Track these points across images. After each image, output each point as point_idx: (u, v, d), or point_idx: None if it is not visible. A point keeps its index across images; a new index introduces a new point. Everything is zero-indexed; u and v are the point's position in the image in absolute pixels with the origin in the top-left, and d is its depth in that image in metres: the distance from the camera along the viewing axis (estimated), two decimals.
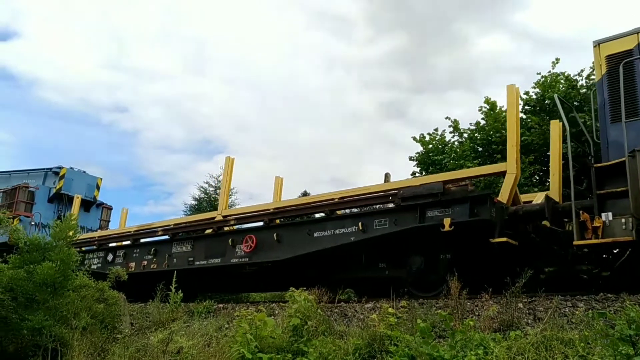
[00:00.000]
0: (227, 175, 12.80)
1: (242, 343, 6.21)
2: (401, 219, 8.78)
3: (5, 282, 8.81)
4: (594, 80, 15.08)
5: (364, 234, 9.12)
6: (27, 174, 22.18)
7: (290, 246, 10.12)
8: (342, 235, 9.41)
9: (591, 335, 5.36)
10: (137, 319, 10.24)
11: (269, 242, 10.47)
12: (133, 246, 13.62)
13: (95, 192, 21.66)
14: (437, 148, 17.58)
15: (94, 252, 14.62)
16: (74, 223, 9.76)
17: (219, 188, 27.86)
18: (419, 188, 8.67)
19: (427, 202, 8.45)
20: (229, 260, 11.03)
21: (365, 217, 9.33)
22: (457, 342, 5.31)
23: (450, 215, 8.13)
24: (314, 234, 9.83)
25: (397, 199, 8.88)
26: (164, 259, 12.45)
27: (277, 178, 12.80)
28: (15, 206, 19.79)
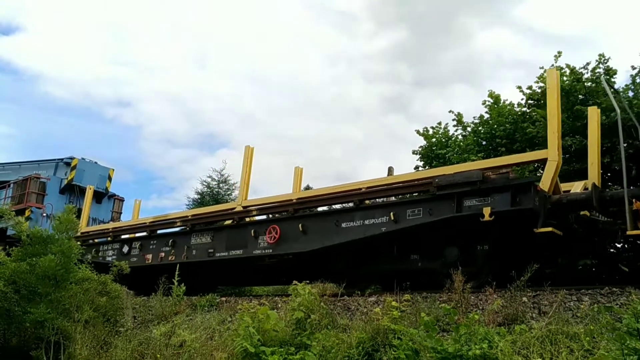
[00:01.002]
0: (246, 165, 12.43)
1: (245, 336, 6.19)
2: (436, 208, 8.42)
3: (7, 275, 8.82)
4: (599, 74, 15.04)
5: (396, 224, 8.75)
6: (38, 164, 21.92)
7: (317, 237, 9.80)
8: (372, 226, 9.07)
9: (597, 329, 5.31)
10: (140, 312, 10.24)
11: (293, 233, 10.16)
12: (149, 238, 13.34)
13: (107, 183, 21.38)
14: (441, 142, 17.49)
15: (109, 244, 14.37)
16: (73, 217, 9.71)
17: (222, 182, 27.87)
18: (455, 176, 8.31)
19: (465, 190, 8.08)
20: (251, 251, 10.73)
21: (397, 207, 8.96)
22: (461, 336, 5.27)
23: (489, 204, 7.78)
24: (341, 224, 9.49)
25: (432, 188, 8.53)
26: (182, 250, 12.14)
27: (297, 168, 12.57)
28: (26, 197, 19.61)
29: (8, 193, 20.93)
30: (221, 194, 27.12)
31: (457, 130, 18.05)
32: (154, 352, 7.62)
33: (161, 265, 12.38)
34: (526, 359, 5.19)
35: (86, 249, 14.33)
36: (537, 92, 16.12)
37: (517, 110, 16.37)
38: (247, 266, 11.49)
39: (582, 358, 5.05)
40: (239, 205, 11.87)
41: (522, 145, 14.94)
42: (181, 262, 11.79)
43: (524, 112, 16.11)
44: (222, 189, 27.67)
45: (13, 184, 20.99)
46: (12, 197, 20.52)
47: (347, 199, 9.97)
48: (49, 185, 20.25)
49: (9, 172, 22.86)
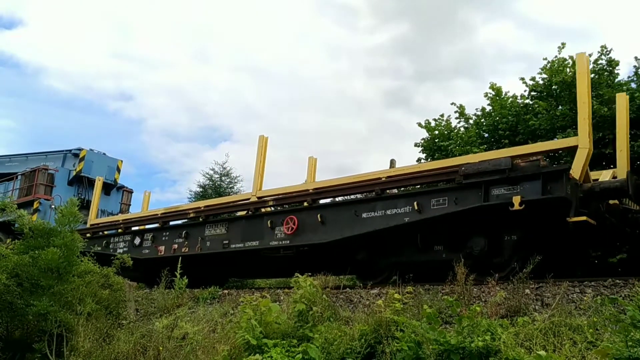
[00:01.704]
0: (260, 155, 12.21)
1: (247, 329, 6.18)
2: (462, 197, 8.15)
3: (10, 268, 8.82)
4: (602, 66, 14.98)
5: (420, 214, 8.49)
6: (45, 156, 21.66)
7: (336, 228, 9.56)
8: (395, 216, 8.82)
9: (600, 321, 5.30)
10: (142, 305, 10.25)
11: (312, 224, 9.92)
12: (162, 229, 13.09)
13: (115, 174, 21.09)
14: (443, 134, 17.46)
15: (120, 236, 14.18)
16: (76, 209, 9.70)
17: (224, 175, 27.86)
18: (483, 164, 8.03)
19: (493, 179, 7.82)
20: (267, 242, 10.50)
21: (421, 196, 8.66)
22: (464, 328, 5.26)
23: (519, 192, 7.51)
24: (362, 214, 9.24)
25: (458, 176, 8.27)
26: (196, 242, 11.92)
27: (311, 158, 12.42)
28: (34, 189, 19.37)
29: (16, 185, 20.64)
30: (223, 187, 27.13)
31: (460, 122, 18.03)
32: (156, 345, 7.63)
33: (174, 257, 12.02)
34: (529, 351, 5.18)
35: (96, 241, 14.34)
36: (540, 84, 16.07)
37: (519, 102, 16.33)
38: (261, 258, 11.25)
39: (585, 350, 5.04)
40: (254, 195, 11.69)
41: (524, 137, 14.92)
42: (195, 253, 11.71)
43: (527, 104, 16.07)
44: (224, 182, 27.69)
45: (21, 176, 20.71)
46: (20, 188, 20.26)
47: (366, 188, 9.77)
48: (57, 176, 20.00)
49: (16, 164, 22.64)
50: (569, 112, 14.38)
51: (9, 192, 20.74)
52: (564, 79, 14.76)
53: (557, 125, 14.29)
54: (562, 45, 15.88)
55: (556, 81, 15.02)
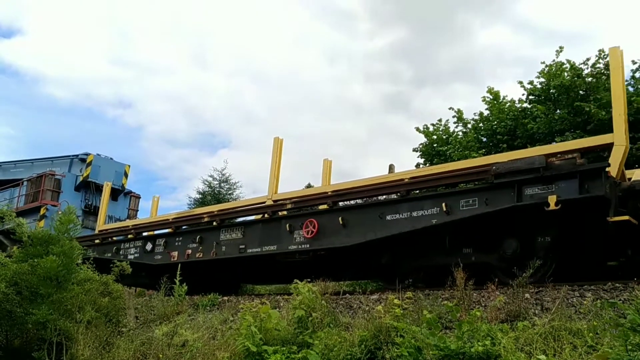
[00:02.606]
0: (276, 157, 11.93)
1: (247, 336, 6.19)
2: (493, 198, 7.86)
3: (9, 276, 8.82)
4: (599, 69, 15.01)
5: (448, 215, 8.20)
6: (51, 161, 21.32)
7: (359, 231, 9.25)
8: (422, 218, 8.52)
9: (600, 325, 5.29)
10: (142, 312, 10.23)
11: (333, 227, 9.59)
12: (175, 234, 12.71)
13: (123, 179, 20.76)
14: (442, 139, 17.48)
15: (131, 242, 13.84)
16: (74, 217, 9.70)
17: (223, 181, 27.90)
18: (516, 162, 7.73)
19: (527, 178, 7.52)
20: (286, 247, 10.19)
21: (450, 197, 8.37)
22: (464, 333, 5.26)
23: (554, 192, 7.23)
24: (386, 216, 8.93)
25: (489, 176, 7.99)
26: (211, 247, 11.58)
27: (326, 161, 12.14)
28: (41, 195, 19.06)
29: (22, 191, 20.37)
30: (222, 193, 27.16)
31: (458, 127, 18.05)
32: (156, 352, 7.62)
33: (188, 262, 11.93)
34: (529, 355, 5.18)
35: (106, 247, 14.23)
36: (538, 88, 16.11)
37: (517, 106, 16.37)
38: (276, 263, 10.90)
39: (585, 354, 5.03)
40: (269, 199, 11.43)
41: (522, 141, 14.94)
42: (210, 258, 11.51)
43: (525, 108, 16.11)
44: (224, 188, 27.73)
45: (27, 182, 20.39)
46: (27, 195, 19.94)
47: (388, 190, 9.52)
48: (64, 182, 19.69)
49: (21, 169, 22.35)
50: (567, 116, 14.42)
51: (14, 199, 20.51)
52: (562, 82, 14.80)
53: (555, 129, 14.32)
54: (560, 49, 15.93)
55: (554, 85, 15.05)
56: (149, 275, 11.14)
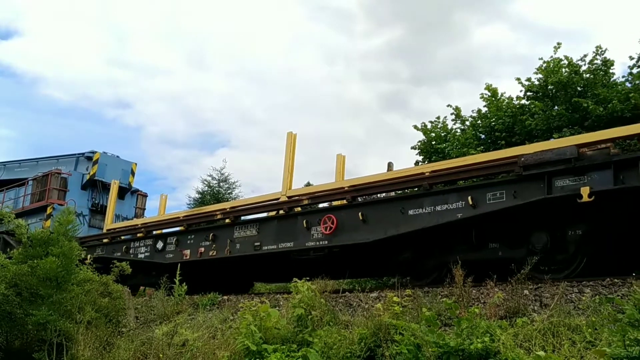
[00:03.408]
0: (289, 152, 11.67)
1: (247, 335, 6.19)
2: (522, 190, 7.60)
3: (9, 278, 8.83)
4: (597, 66, 15.02)
5: (474, 209, 7.95)
6: (57, 160, 20.91)
7: (379, 226, 8.99)
8: (446, 212, 8.29)
9: (598, 321, 5.31)
10: (142, 312, 10.25)
11: (352, 223, 9.36)
12: (187, 232, 12.47)
13: (130, 178, 20.34)
14: (440, 136, 17.47)
15: (140, 240, 13.59)
16: (73, 217, 9.70)
17: (222, 181, 27.93)
18: (546, 154, 7.45)
19: (557, 169, 7.28)
20: (303, 243, 9.94)
21: (476, 190, 8.12)
22: (463, 330, 5.27)
23: (587, 183, 6.99)
24: (408, 211, 8.68)
25: (517, 168, 7.73)
26: (224, 244, 11.31)
27: (339, 156, 11.97)
28: (47, 194, 18.61)
29: (27, 190, 19.83)
30: (222, 192, 27.18)
31: (456, 124, 18.05)
32: (156, 352, 7.63)
33: (201, 260, 11.80)
34: (528, 351, 5.19)
35: (115, 247, 14.07)
36: (535, 84, 16.11)
37: (515, 103, 16.37)
38: (291, 260, 10.62)
39: (584, 350, 5.05)
40: (283, 195, 11.16)
41: (521, 137, 14.95)
42: (224, 256, 11.30)
43: (523, 104, 16.11)
44: (223, 187, 27.75)
45: (32, 181, 19.87)
46: (32, 194, 19.46)
47: (407, 185, 9.30)
48: (71, 180, 19.20)
49: (25, 169, 21.95)
50: (565, 112, 14.43)
51: (20, 198, 20.15)
52: (559, 79, 14.81)
53: (553, 126, 14.33)
54: (558, 44, 15.93)
55: (552, 81, 15.05)
56: (160, 274, 10.98)
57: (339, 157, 11.88)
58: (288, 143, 11.80)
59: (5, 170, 23.10)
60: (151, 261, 12.65)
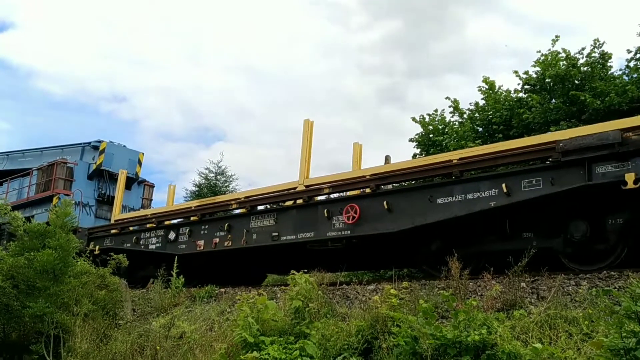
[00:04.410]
0: (306, 140, 11.32)
1: (244, 327, 6.20)
2: (560, 177, 7.26)
3: (6, 270, 8.81)
4: (595, 59, 15.02)
5: (508, 197, 7.60)
6: (62, 150, 20.56)
7: (406, 216, 8.65)
8: (478, 201, 7.92)
9: (595, 313, 5.33)
10: (139, 304, 10.24)
11: (376, 212, 9.00)
12: (200, 222, 12.05)
13: (137, 168, 19.94)
14: (438, 129, 17.47)
15: (151, 231, 13.18)
16: (70, 210, 9.68)
17: (219, 174, 27.90)
18: (586, 138, 7.10)
19: (599, 155, 6.95)
20: (324, 233, 9.59)
21: (510, 177, 7.75)
22: (460, 322, 5.28)
23: (631, 169, 6.69)
24: (437, 200, 8.34)
25: (554, 154, 7.36)
26: (241, 235, 10.92)
27: (356, 144, 11.60)
28: (53, 184, 18.18)
29: (32, 180, 19.38)
30: (219, 185, 27.18)
31: (453, 116, 18.05)
32: (153, 344, 7.64)
33: (216, 251, 11.44)
34: (525, 344, 5.21)
35: (124, 237, 13.76)
36: (533, 77, 16.11)
37: (513, 96, 16.37)
38: (307, 251, 10.30)
39: (580, 342, 5.07)
40: (301, 184, 10.81)
41: (518, 131, 14.96)
42: (240, 247, 10.94)
43: (520, 98, 16.11)
44: (220, 180, 27.75)
45: (37, 171, 19.42)
46: (37, 184, 19.03)
47: (436, 172, 8.94)
48: (77, 170, 18.77)
49: (29, 159, 21.65)
50: (562, 106, 14.44)
51: (24, 189, 19.78)
52: (557, 72, 14.80)
53: (550, 119, 14.34)
54: (556, 37, 15.92)
55: (549, 74, 15.05)
56: (171, 266, 10.84)
57: (355, 145, 11.55)
58: (305, 131, 11.45)
59: (9, 160, 22.77)
60: (163, 252, 12.36)
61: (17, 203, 19.03)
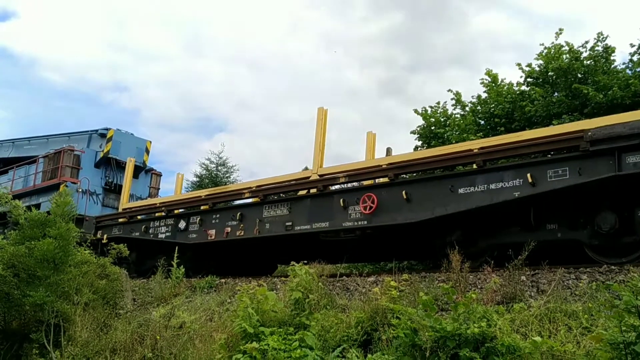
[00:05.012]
0: (320, 129, 11.11)
1: (244, 317, 6.20)
2: (588, 167, 7.06)
3: (6, 259, 8.81)
4: (598, 52, 14.94)
5: (533, 187, 7.42)
6: (68, 137, 20.26)
7: (425, 206, 8.48)
8: (502, 191, 7.75)
9: (595, 307, 5.32)
10: (139, 294, 10.26)
11: (395, 202, 8.82)
12: (211, 211, 11.88)
13: (144, 156, 19.73)
14: (439, 121, 17.41)
15: (160, 220, 13.00)
16: (70, 199, 9.67)
17: (220, 165, 27.90)
18: (616, 127, 6.91)
19: (630, 144, 6.72)
20: (340, 223, 9.42)
21: (535, 167, 7.55)
22: (460, 314, 5.27)
23: None
24: (458, 190, 8.16)
25: (583, 143, 7.13)
26: (253, 224, 10.76)
27: (369, 134, 11.51)
28: (60, 171, 17.98)
29: (38, 168, 19.17)
30: (220, 176, 27.18)
31: (455, 108, 18.00)
32: (153, 334, 7.65)
33: (227, 241, 11.28)
34: (524, 337, 5.21)
35: (132, 226, 13.62)
36: (536, 70, 16.05)
37: (515, 89, 16.32)
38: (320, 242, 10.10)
39: (580, 336, 5.07)
40: (315, 173, 10.67)
41: (520, 124, 14.93)
42: (253, 237, 10.78)
43: (523, 91, 16.05)
44: (221, 171, 27.75)
45: (43, 158, 19.18)
46: (44, 171, 18.78)
47: (457, 162, 8.79)
48: (84, 158, 18.59)
49: (35, 146, 21.42)
50: (565, 99, 14.38)
51: (30, 176, 19.58)
52: (560, 65, 14.73)
53: (553, 112, 14.29)
54: (560, 30, 15.83)
55: (552, 67, 14.98)
56: (182, 256, 10.70)
57: (369, 135, 11.43)
58: (319, 119, 11.22)
59: (14, 147, 22.57)
60: (173, 241, 12.22)
61: (23, 191, 19.02)
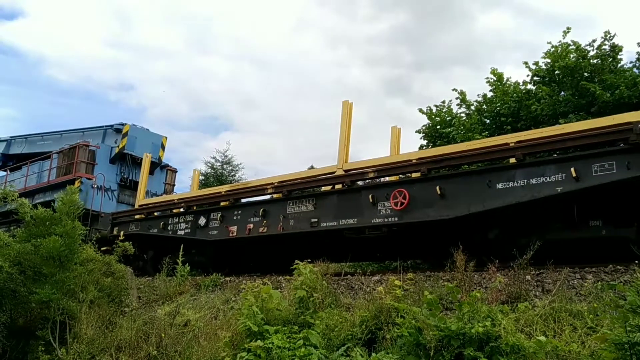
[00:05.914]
0: (345, 123, 10.84)
1: (249, 315, 6.21)
2: (638, 161, 6.75)
3: (13, 256, 8.86)
4: (605, 51, 14.86)
5: (577, 182, 7.10)
6: (82, 133, 20.03)
7: (461, 201, 8.18)
8: (543, 186, 7.41)
9: (600, 307, 5.30)
10: (145, 292, 10.30)
11: (427, 197, 8.54)
12: (233, 207, 11.56)
13: (160, 152, 19.39)
14: (444, 121, 17.36)
15: (179, 216, 12.70)
16: (76, 197, 9.70)
17: (225, 163, 27.95)
18: None
19: None
20: (369, 220, 9.11)
21: (579, 161, 7.22)
22: (464, 314, 5.26)
23: None
24: (496, 185, 7.84)
25: (632, 135, 6.81)
26: (277, 221, 10.47)
27: (394, 128, 11.22)
28: (75, 167, 17.66)
29: (53, 164, 18.84)
30: (225, 175, 27.22)
31: (461, 107, 17.93)
32: (158, 332, 7.67)
33: (250, 238, 10.97)
34: (529, 336, 5.19)
35: (150, 223, 13.39)
36: (542, 69, 15.96)
37: (521, 88, 16.24)
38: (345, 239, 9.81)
39: (585, 336, 5.06)
40: (339, 168, 10.40)
41: (526, 123, 14.85)
42: (277, 233, 10.49)
43: (529, 90, 15.98)
44: (226, 170, 27.80)
45: (58, 154, 18.89)
46: (58, 167, 18.48)
47: (494, 156, 8.46)
48: (99, 154, 18.26)
49: (49, 142, 21.22)
50: (572, 98, 14.31)
51: (44, 172, 19.23)
52: (567, 64, 14.65)
53: (559, 111, 14.22)
54: (568, 29, 15.73)
55: (559, 66, 14.90)
56: (202, 252, 10.51)
57: (394, 129, 11.17)
58: (344, 113, 10.94)
59: (27, 143, 22.39)
60: (192, 238, 12.02)
61: (37, 187, 18.92)
